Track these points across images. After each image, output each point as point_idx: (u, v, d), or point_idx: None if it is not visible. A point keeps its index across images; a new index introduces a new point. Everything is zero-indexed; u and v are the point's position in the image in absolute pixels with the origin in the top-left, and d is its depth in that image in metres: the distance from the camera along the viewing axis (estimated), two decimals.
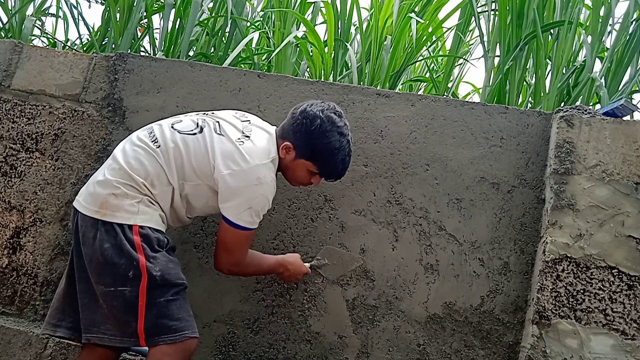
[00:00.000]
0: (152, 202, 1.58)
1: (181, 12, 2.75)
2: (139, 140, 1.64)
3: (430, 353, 1.86)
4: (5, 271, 2.15)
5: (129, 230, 1.51)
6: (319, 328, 1.94)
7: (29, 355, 1.97)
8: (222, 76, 2.19)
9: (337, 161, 1.69)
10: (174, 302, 1.51)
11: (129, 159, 1.59)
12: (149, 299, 1.48)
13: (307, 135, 1.66)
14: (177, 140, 1.61)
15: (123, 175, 1.56)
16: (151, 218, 1.56)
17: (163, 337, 1.47)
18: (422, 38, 2.76)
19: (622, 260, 1.70)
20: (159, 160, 1.59)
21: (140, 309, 1.47)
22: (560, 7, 2.36)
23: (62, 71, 2.31)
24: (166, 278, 1.51)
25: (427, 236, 1.94)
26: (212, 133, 1.64)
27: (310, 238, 2.00)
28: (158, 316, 1.48)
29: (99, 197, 1.54)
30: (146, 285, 1.48)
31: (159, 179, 1.58)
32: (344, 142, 1.68)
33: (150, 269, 1.48)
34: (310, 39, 2.60)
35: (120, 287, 1.48)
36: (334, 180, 1.80)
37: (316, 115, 1.66)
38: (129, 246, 1.49)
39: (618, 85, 2.35)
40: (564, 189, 1.77)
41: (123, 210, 1.52)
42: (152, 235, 1.53)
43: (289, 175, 1.75)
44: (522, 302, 1.84)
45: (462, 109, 2.03)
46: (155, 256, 1.51)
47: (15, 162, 2.24)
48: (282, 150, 1.69)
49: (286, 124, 1.74)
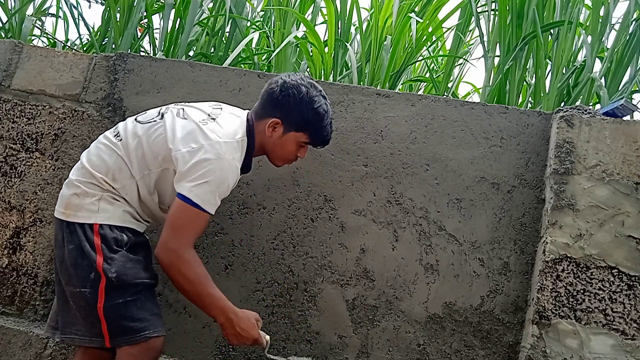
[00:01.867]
0: (115, 198, 1.55)
1: (181, 12, 2.75)
2: (104, 137, 1.64)
3: (430, 353, 1.86)
4: (5, 271, 2.16)
5: (89, 230, 1.51)
6: (319, 328, 1.94)
7: (29, 355, 1.97)
8: (222, 76, 2.19)
9: (327, 125, 1.68)
10: (132, 303, 1.49)
11: (90, 157, 1.59)
12: (107, 300, 1.47)
13: (297, 105, 1.63)
14: (137, 131, 1.59)
15: (85, 174, 1.56)
16: (113, 215, 1.54)
17: (124, 337, 1.47)
18: (422, 38, 2.76)
19: (622, 260, 1.70)
20: (120, 153, 1.56)
21: (99, 310, 1.46)
22: (560, 7, 2.37)
23: (62, 71, 2.31)
24: (122, 279, 1.48)
25: (427, 236, 1.94)
26: (173, 117, 1.60)
27: (310, 238, 2.00)
28: (118, 317, 1.48)
29: (64, 198, 1.56)
30: (104, 286, 1.47)
31: (120, 172, 1.55)
32: (328, 104, 1.68)
33: (107, 271, 1.47)
34: (310, 39, 2.60)
35: (83, 289, 1.48)
36: (321, 147, 1.77)
37: (299, 83, 1.64)
38: (89, 247, 1.49)
39: (618, 85, 2.35)
40: (564, 189, 1.77)
41: (84, 210, 1.52)
42: (109, 235, 1.51)
43: (276, 153, 1.70)
44: (522, 302, 1.84)
45: (462, 109, 2.03)
46: (112, 257, 1.49)
47: (15, 162, 2.24)
48: (269, 128, 1.64)
49: (264, 102, 1.68)
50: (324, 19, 3.01)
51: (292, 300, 1.97)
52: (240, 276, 2.01)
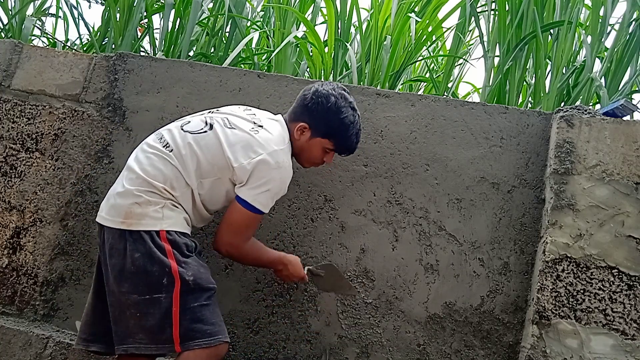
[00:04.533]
0: (175, 205, 1.59)
1: (181, 12, 2.75)
2: (151, 147, 1.65)
3: (430, 353, 1.86)
4: (5, 271, 2.16)
5: (157, 236, 1.52)
6: (319, 328, 1.94)
7: (29, 355, 1.97)
8: (222, 76, 2.19)
9: (352, 135, 1.75)
10: (207, 307, 1.53)
11: (144, 167, 1.60)
12: (182, 304, 1.49)
13: (324, 113, 1.72)
14: (189, 141, 1.63)
15: (143, 183, 1.57)
16: (176, 222, 1.57)
17: (197, 341, 1.48)
18: (421, 38, 2.76)
19: (622, 260, 1.70)
20: (173, 163, 1.60)
21: (175, 314, 1.48)
22: (560, 7, 2.37)
23: (62, 71, 2.31)
24: (198, 282, 1.52)
25: (427, 236, 1.94)
26: (223, 128, 1.65)
27: (310, 238, 2.00)
28: (192, 321, 1.49)
29: (122, 207, 1.55)
30: (179, 290, 1.49)
31: (177, 181, 1.59)
32: (356, 116, 1.76)
33: (183, 274, 1.50)
34: (310, 39, 2.60)
35: (156, 294, 1.49)
36: (346, 155, 1.85)
37: (330, 93, 1.73)
38: (159, 253, 1.50)
39: (618, 85, 2.35)
40: (564, 189, 1.77)
41: (148, 217, 1.53)
42: (180, 241, 1.55)
43: (304, 156, 1.79)
44: (522, 302, 1.84)
45: (462, 109, 2.03)
46: (186, 261, 1.53)
47: (15, 162, 2.24)
48: (297, 131, 1.74)
49: (297, 107, 1.78)
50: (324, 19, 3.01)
51: (292, 300, 1.97)
52: (240, 276, 2.01)
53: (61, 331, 2.05)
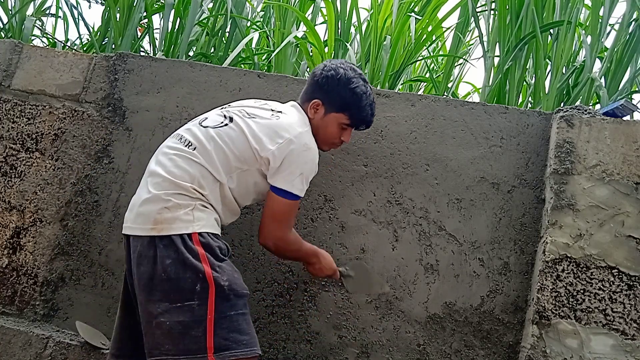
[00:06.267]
0: (205, 205, 1.53)
1: (181, 12, 2.76)
2: (172, 149, 1.60)
3: (430, 353, 1.86)
4: (5, 271, 2.16)
5: (189, 240, 1.46)
6: (319, 328, 1.94)
7: (29, 355, 1.97)
8: (222, 76, 2.19)
9: (366, 105, 1.73)
10: (243, 316, 1.47)
11: (169, 169, 1.54)
12: (218, 312, 1.42)
13: (335, 86, 1.70)
14: (212, 135, 1.58)
15: (170, 186, 1.51)
16: (207, 223, 1.51)
17: (234, 352, 1.41)
18: (421, 38, 2.76)
19: (622, 260, 1.70)
20: (198, 161, 1.54)
21: (209, 322, 1.41)
22: (559, 7, 2.37)
23: (62, 71, 2.32)
24: (234, 288, 1.46)
25: (427, 236, 1.94)
26: (243, 119, 1.62)
27: (310, 238, 2.00)
28: (229, 330, 1.43)
29: (151, 214, 1.48)
30: (214, 297, 1.42)
31: (204, 179, 1.53)
32: (367, 87, 1.74)
33: (218, 279, 1.43)
34: (310, 38, 2.60)
35: (188, 302, 1.41)
36: (364, 129, 1.82)
37: (338, 66, 1.73)
38: (192, 258, 1.43)
39: (618, 85, 2.35)
40: (564, 189, 1.78)
41: (179, 221, 1.47)
42: (213, 244, 1.49)
43: (320, 136, 1.73)
44: (522, 302, 1.84)
45: (462, 109, 2.03)
46: (221, 265, 1.47)
47: (15, 162, 2.24)
48: (311, 109, 1.72)
49: (307, 86, 1.77)
50: (324, 19, 3.01)
51: (292, 300, 1.97)
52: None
53: (61, 331, 2.05)
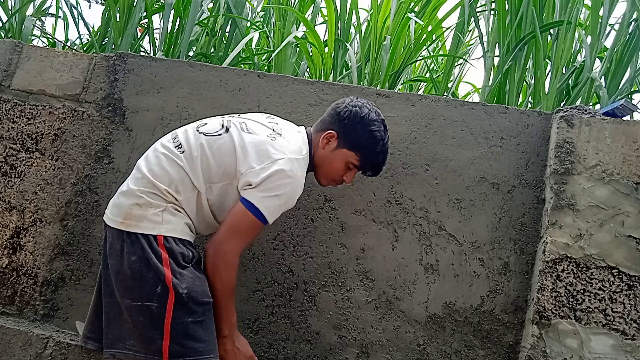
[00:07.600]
0: (177, 209, 1.53)
1: (181, 12, 2.76)
2: (162, 147, 1.60)
3: (430, 353, 1.86)
4: (5, 271, 2.15)
5: (154, 241, 1.47)
6: (319, 328, 1.94)
7: (29, 355, 1.97)
8: (222, 76, 2.19)
9: (380, 152, 1.70)
10: (200, 323, 1.46)
11: (151, 167, 1.56)
12: (175, 318, 1.43)
13: (356, 124, 1.67)
14: (202, 143, 1.57)
15: (146, 184, 1.53)
16: (176, 227, 1.51)
17: (188, 358, 1.43)
18: (421, 38, 2.76)
19: (622, 260, 1.70)
20: (182, 165, 1.54)
21: (166, 326, 1.42)
22: (559, 7, 2.37)
23: (62, 71, 2.31)
24: (193, 296, 1.46)
25: (427, 236, 1.94)
26: (239, 132, 1.59)
27: (310, 238, 2.00)
28: (185, 337, 1.43)
29: (123, 207, 1.51)
30: (173, 303, 1.43)
31: (183, 185, 1.53)
32: (386, 135, 1.71)
33: (177, 286, 1.44)
34: (310, 39, 2.60)
35: (147, 302, 1.43)
36: (370, 175, 1.78)
37: (364, 105, 1.70)
38: (155, 259, 1.45)
39: (618, 85, 2.35)
40: (564, 189, 1.78)
41: (147, 220, 1.49)
42: (176, 250, 1.48)
43: (324, 169, 1.71)
44: (522, 302, 1.84)
45: (462, 109, 2.03)
46: (181, 272, 1.46)
47: (15, 162, 2.24)
48: (323, 139, 1.68)
49: (327, 116, 1.73)
50: (324, 19, 3.01)
51: (292, 300, 1.97)
52: (240, 276, 2.01)
53: (61, 331, 2.05)
